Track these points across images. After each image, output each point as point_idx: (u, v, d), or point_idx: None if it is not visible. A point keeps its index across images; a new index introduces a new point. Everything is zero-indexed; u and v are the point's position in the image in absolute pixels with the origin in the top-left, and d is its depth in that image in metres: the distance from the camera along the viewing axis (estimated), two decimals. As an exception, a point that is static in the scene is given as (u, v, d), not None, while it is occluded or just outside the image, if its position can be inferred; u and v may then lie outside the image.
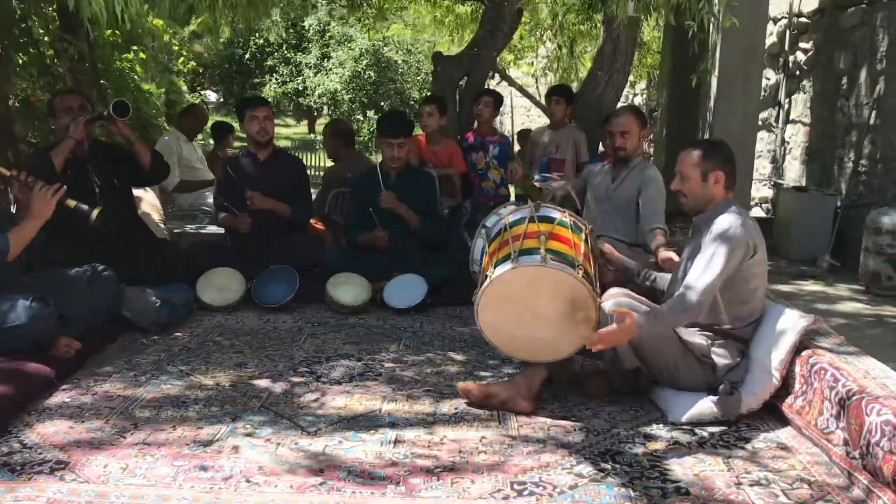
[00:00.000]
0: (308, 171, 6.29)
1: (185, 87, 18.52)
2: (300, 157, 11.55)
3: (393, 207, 4.73)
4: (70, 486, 2.48)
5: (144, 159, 4.46)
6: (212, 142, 9.81)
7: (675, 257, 3.67)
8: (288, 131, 21.67)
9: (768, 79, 8.29)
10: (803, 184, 7.43)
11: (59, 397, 3.22)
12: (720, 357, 3.13)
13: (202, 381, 3.44)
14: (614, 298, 3.10)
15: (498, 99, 5.93)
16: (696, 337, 3.15)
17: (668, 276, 3.47)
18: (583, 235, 3.25)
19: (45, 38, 7.99)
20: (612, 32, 5.86)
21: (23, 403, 3.07)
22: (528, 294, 3.04)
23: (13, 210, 4.10)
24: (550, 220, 3.24)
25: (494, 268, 3.10)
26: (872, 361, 2.99)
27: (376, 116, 16.21)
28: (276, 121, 21.76)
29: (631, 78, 10.28)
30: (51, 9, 7.78)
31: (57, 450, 2.73)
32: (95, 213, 3.73)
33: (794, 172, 7.81)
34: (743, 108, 5.86)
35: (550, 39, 8.73)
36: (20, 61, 7.75)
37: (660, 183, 4.28)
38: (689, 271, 3.11)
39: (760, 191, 8.56)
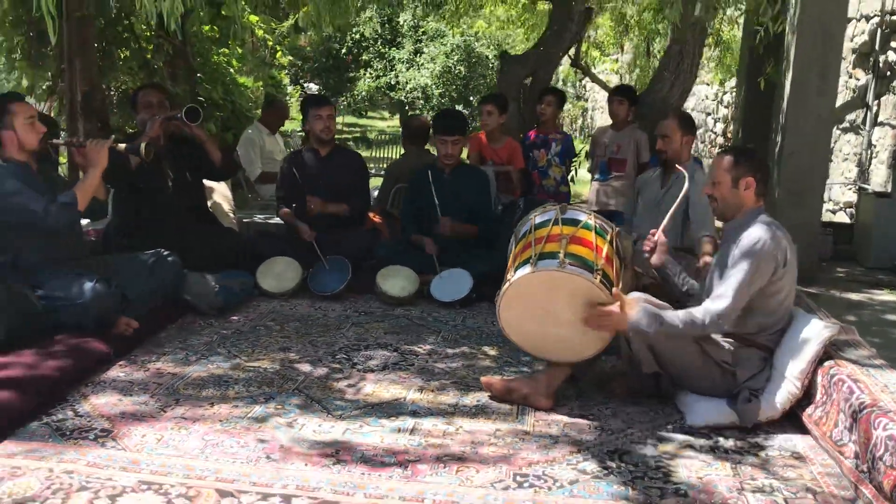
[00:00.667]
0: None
1: (286, 80, 19.18)
2: (391, 149, 11.78)
3: (452, 234, 4.89)
4: (108, 453, 2.73)
5: (215, 157, 4.74)
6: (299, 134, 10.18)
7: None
8: (382, 124, 22.16)
9: (858, 80, 7.99)
10: (889, 189, 7.15)
11: (115, 372, 3.51)
12: (741, 364, 3.13)
13: (246, 363, 3.67)
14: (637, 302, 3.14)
15: (561, 97, 5.97)
16: (717, 343, 3.16)
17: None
18: (608, 237, 3.29)
19: (146, 34, 8.48)
20: (680, 34, 5.81)
21: (80, 376, 3.37)
22: (547, 296, 3.12)
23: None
24: (575, 222, 3.30)
25: (515, 270, 3.19)
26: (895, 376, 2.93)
27: (466, 110, 16.35)
28: (373, 113, 22.30)
29: (711, 77, 10.09)
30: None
31: (104, 419, 3.00)
32: (143, 146, 4.02)
33: (880, 177, 7.52)
34: (817, 110, 5.67)
35: (629, 39, 8.66)
36: (122, 56, 8.26)
37: None
38: (715, 285, 3.12)
39: (846, 195, 8.27)
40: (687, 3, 5.45)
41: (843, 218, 8.01)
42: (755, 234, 3.07)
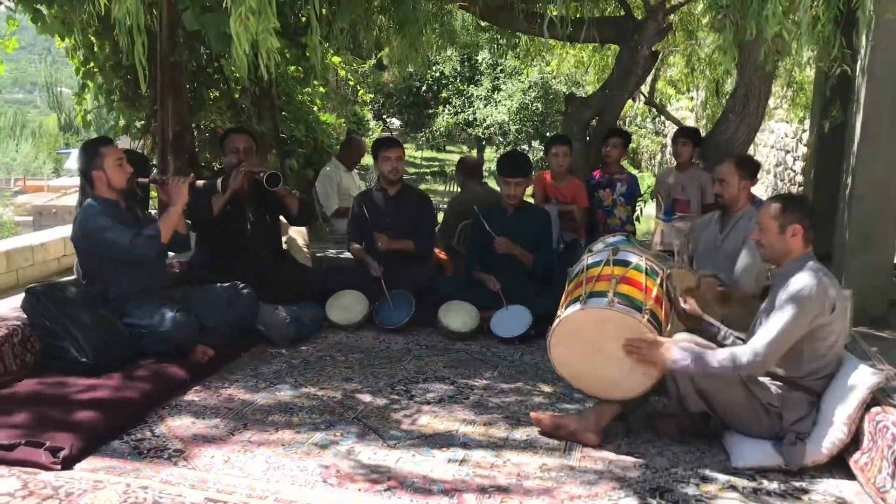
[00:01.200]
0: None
1: (369, 116, 19.75)
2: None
3: (508, 251, 5.03)
4: (180, 471, 2.97)
5: (293, 210, 5.06)
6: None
7: None
8: (460, 158, 22.61)
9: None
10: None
11: (190, 396, 3.77)
12: (788, 407, 3.16)
13: (311, 391, 3.88)
14: (679, 342, 3.22)
15: (626, 139, 6.08)
16: (763, 385, 3.20)
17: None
18: (658, 280, 3.39)
19: (235, 76, 8.95)
20: (745, 76, 5.85)
21: (159, 400, 3.64)
22: (596, 334, 3.24)
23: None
24: (626, 263, 3.41)
25: (566, 308, 3.32)
26: (942, 423, 2.92)
27: (541, 146, 16.49)
28: (452, 148, 22.65)
29: (790, 115, 9.98)
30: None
31: (177, 440, 3.25)
32: (219, 182, 4.46)
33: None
34: (888, 152, 5.61)
35: (699, 79, 8.69)
36: (211, 97, 8.74)
37: None
38: (760, 328, 3.18)
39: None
40: (751, 48, 5.50)
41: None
42: (802, 280, 3.12)
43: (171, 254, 4.68)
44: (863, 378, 3.08)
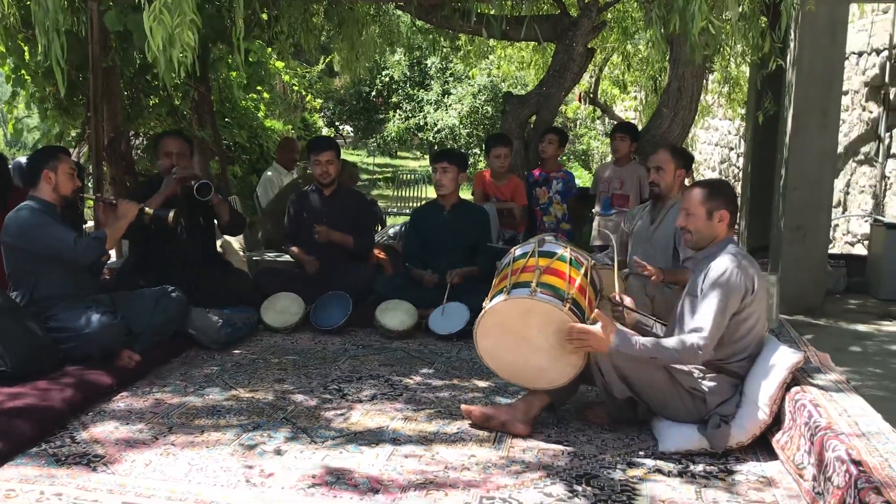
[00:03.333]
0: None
1: (321, 123, 19.64)
2: (421, 188, 12.09)
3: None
4: (98, 477, 2.89)
5: (223, 219, 5.01)
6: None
7: None
8: (414, 164, 22.56)
9: (871, 112, 8.02)
10: (904, 220, 7.13)
11: (116, 402, 3.68)
12: (711, 390, 3.20)
13: (242, 393, 3.82)
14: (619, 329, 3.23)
15: (563, 136, 6.12)
16: (686, 370, 3.23)
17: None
18: (582, 270, 3.40)
19: (175, 83, 8.83)
20: (677, 71, 5.93)
21: (82, 406, 3.54)
22: (521, 324, 3.23)
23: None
24: (551, 254, 3.42)
25: (491, 299, 3.31)
26: (858, 400, 2.98)
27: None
28: (406, 154, 22.65)
29: (730, 114, 10.15)
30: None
31: (99, 445, 3.17)
32: (171, 214, 4.37)
33: (894, 208, 7.50)
34: (820, 144, 5.72)
35: (636, 77, 8.79)
36: (150, 103, 8.60)
37: None
38: (686, 316, 3.21)
39: (863, 227, 8.24)
40: (681, 43, 5.58)
41: (861, 250, 7.97)
42: (722, 265, 3.15)
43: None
44: (783, 359, 3.12)
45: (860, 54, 8.17)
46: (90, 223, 6.26)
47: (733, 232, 3.33)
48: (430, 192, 17.38)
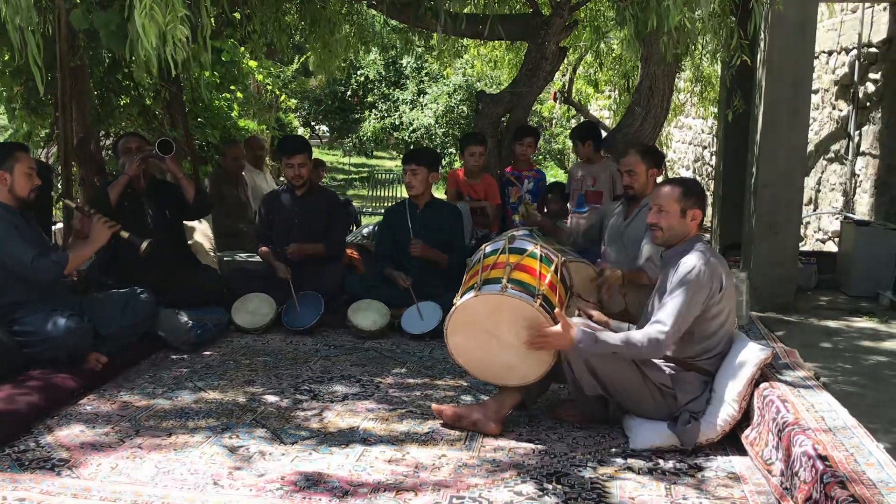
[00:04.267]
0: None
1: (296, 123, 19.53)
2: (397, 188, 12.04)
3: (422, 255, 5.02)
4: (63, 481, 2.84)
5: (189, 194, 4.91)
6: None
7: None
8: (391, 163, 22.52)
9: (840, 111, 8.10)
10: (873, 217, 7.20)
11: (82, 405, 3.63)
12: (682, 387, 3.20)
13: (211, 395, 3.77)
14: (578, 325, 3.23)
15: (536, 136, 6.12)
16: (656, 366, 3.24)
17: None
18: (553, 266, 3.39)
19: (148, 82, 8.72)
20: (649, 70, 5.95)
21: (47, 410, 3.48)
22: (491, 321, 3.22)
23: (69, 238, 4.61)
24: (522, 251, 3.41)
25: (462, 296, 3.30)
26: (825, 396, 3.00)
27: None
28: (383, 154, 22.59)
29: (703, 112, 10.22)
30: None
31: (63, 449, 3.11)
32: (145, 245, 4.26)
33: (864, 206, 7.58)
34: (790, 142, 5.76)
35: (609, 76, 8.82)
36: (121, 103, 8.49)
37: None
38: (655, 311, 3.21)
39: (833, 224, 8.32)
40: (653, 41, 5.60)
41: (832, 247, 8.05)
42: (690, 262, 3.16)
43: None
44: (751, 355, 3.14)
45: (830, 53, 8.25)
46: (59, 224, 6.19)
47: (702, 231, 3.34)
48: (406, 192, 17.37)
